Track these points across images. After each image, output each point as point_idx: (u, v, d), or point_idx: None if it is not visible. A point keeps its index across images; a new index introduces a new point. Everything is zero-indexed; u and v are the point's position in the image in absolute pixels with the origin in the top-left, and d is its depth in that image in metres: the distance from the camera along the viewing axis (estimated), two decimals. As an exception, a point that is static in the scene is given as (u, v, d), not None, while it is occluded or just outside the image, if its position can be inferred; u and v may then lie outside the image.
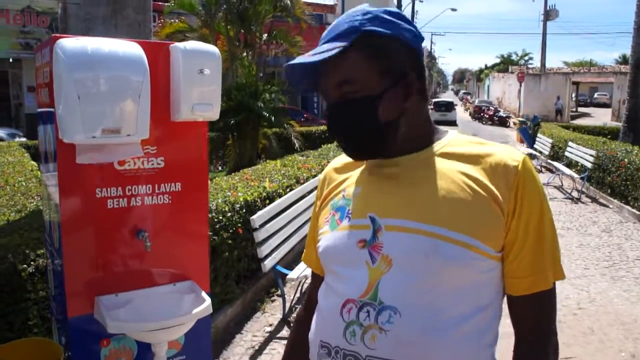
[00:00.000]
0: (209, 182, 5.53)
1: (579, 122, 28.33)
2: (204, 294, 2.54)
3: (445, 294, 1.08)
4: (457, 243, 1.07)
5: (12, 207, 4.15)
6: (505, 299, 1.18)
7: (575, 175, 10.57)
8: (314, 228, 1.37)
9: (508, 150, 1.16)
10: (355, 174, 1.27)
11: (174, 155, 2.57)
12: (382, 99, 1.13)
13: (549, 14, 37.27)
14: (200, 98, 2.45)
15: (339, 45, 1.10)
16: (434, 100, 35.67)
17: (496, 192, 1.10)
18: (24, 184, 5.24)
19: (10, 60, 18.82)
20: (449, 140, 1.21)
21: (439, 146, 1.19)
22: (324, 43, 1.14)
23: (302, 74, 1.19)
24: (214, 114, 2.53)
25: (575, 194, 10.30)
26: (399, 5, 33.45)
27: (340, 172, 1.32)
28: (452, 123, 29.31)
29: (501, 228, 1.10)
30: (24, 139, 12.80)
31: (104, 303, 2.39)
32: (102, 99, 2.15)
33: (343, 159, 1.34)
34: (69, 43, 2.15)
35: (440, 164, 1.16)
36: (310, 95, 27.48)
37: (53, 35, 2.25)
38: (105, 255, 2.47)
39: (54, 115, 2.25)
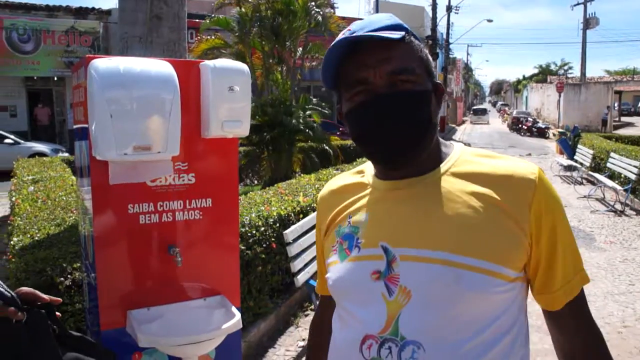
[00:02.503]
0: (243, 196, 5.59)
1: (622, 132, 27.52)
2: (234, 309, 2.55)
3: (468, 323, 1.03)
4: (479, 270, 1.02)
5: (52, 220, 4.28)
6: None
7: (618, 187, 10.24)
8: (320, 256, 1.32)
9: (520, 163, 1.11)
10: (359, 197, 1.20)
11: (205, 171, 2.61)
12: (431, 98, 1.11)
13: (588, 22, 36.52)
14: (229, 115, 2.48)
15: (397, 33, 1.06)
16: (473, 108, 44.75)
17: (514, 210, 1.05)
18: (64, 198, 5.39)
19: (55, 78, 19.51)
20: (458, 156, 1.15)
21: (448, 165, 1.14)
22: (365, 32, 1.08)
23: (335, 63, 1.11)
24: (243, 130, 2.56)
25: (618, 207, 9.97)
26: (434, 17, 33.32)
27: (341, 195, 1.25)
28: (486, 122, 46.30)
29: (522, 248, 1.06)
30: (66, 154, 13.19)
31: (135, 317, 2.42)
32: (133, 117, 2.20)
33: (339, 181, 1.29)
34: (102, 63, 2.21)
35: (452, 185, 1.10)
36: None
37: (87, 55, 2.32)
38: (137, 270, 2.51)
39: (88, 132, 2.31)
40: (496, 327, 1.05)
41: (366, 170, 1.25)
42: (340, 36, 1.10)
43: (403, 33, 1.07)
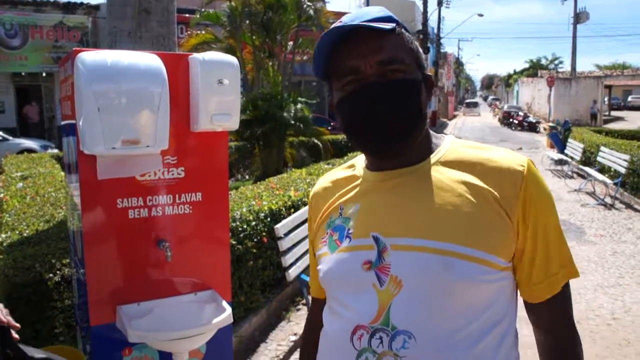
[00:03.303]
0: (234, 191, 5.57)
1: (612, 126, 27.70)
2: (224, 304, 2.54)
3: (459, 313, 1.04)
4: (469, 259, 1.03)
5: (41, 217, 4.24)
6: (518, 303, 1.16)
7: (608, 181, 10.31)
8: (312, 253, 1.32)
9: (510, 154, 1.12)
10: (350, 189, 1.21)
11: (194, 165, 2.59)
12: (422, 88, 1.12)
13: (579, 17, 36.63)
14: (219, 108, 2.46)
15: (387, 24, 1.07)
16: (465, 101, 47.06)
17: (502, 200, 1.06)
18: (54, 194, 5.34)
19: (44, 74, 19.33)
20: (448, 147, 1.16)
21: (438, 155, 1.14)
22: (358, 23, 1.08)
23: (327, 52, 1.12)
24: (232, 123, 2.54)
25: (608, 200, 10.04)
26: (425, 11, 33.31)
27: (332, 189, 1.25)
28: (478, 114, 50.08)
29: (511, 237, 1.07)
30: (55, 151, 13.09)
31: (125, 312, 2.41)
32: (121, 111, 2.17)
33: (330, 176, 1.30)
34: (89, 56, 2.18)
35: (442, 175, 1.11)
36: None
37: (74, 49, 2.29)
38: (126, 265, 2.49)
39: (76, 127, 2.28)
40: (487, 317, 1.06)
41: (357, 163, 1.25)
42: (333, 26, 1.10)
43: (394, 24, 1.08)
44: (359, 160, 1.26)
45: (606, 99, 40.26)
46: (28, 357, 1.39)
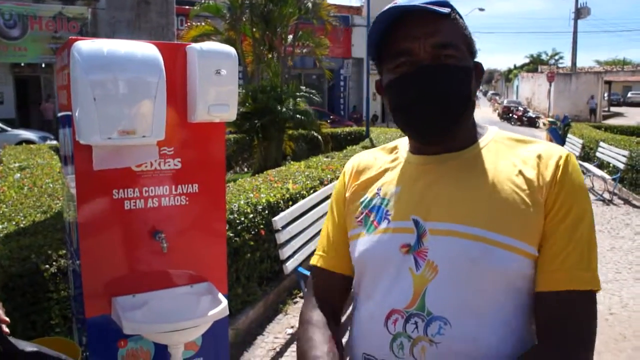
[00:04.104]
0: (232, 183, 5.56)
1: (612, 121, 27.68)
2: (220, 296, 2.53)
3: (493, 300, 1.03)
4: (507, 247, 1.02)
5: (38, 208, 4.22)
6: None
7: (607, 177, 10.30)
8: (337, 226, 1.26)
9: (552, 147, 1.12)
10: (389, 169, 1.20)
11: (191, 157, 2.57)
12: (472, 76, 1.12)
13: (580, 12, 36.55)
14: (216, 99, 2.44)
15: (444, 8, 1.06)
16: None
17: (539, 190, 1.05)
18: (51, 185, 5.33)
19: (43, 65, 19.28)
20: (492, 137, 1.16)
21: (483, 143, 1.15)
22: (416, 4, 1.06)
23: (381, 32, 1.10)
24: (230, 114, 2.52)
25: (607, 196, 10.04)
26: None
27: (370, 167, 1.24)
28: (477, 105, 43.04)
29: (541, 226, 1.05)
30: (54, 142, 13.06)
31: (120, 304, 2.39)
32: (117, 101, 2.15)
33: (373, 153, 1.28)
34: (85, 45, 2.16)
35: (485, 163, 1.11)
36: (337, 97, 27.49)
37: (70, 38, 2.26)
38: (122, 257, 2.47)
39: (72, 119, 2.26)
40: (520, 303, 1.05)
41: (400, 145, 1.25)
42: (388, 6, 1.09)
43: (450, 9, 1.08)
44: (402, 143, 1.25)
45: (606, 94, 40.21)
46: (19, 350, 1.37)
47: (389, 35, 1.09)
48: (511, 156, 1.10)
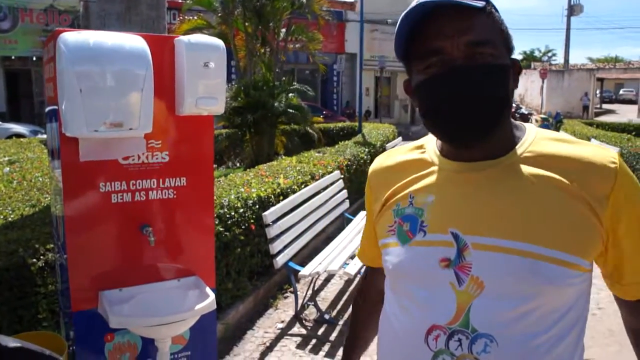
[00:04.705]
0: (223, 177, 5.54)
1: (604, 118, 27.84)
2: (208, 290, 2.52)
3: (542, 317, 0.99)
4: (556, 262, 0.97)
5: (27, 202, 4.20)
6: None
7: (598, 173, 10.35)
8: (369, 229, 1.26)
9: (600, 150, 1.04)
10: (422, 176, 1.12)
11: (179, 150, 2.55)
12: (510, 74, 1.03)
13: (573, 9, 36.65)
14: (204, 92, 2.42)
15: (478, 1, 0.98)
16: None
17: (592, 200, 0.99)
18: (41, 179, 5.30)
19: (34, 58, 19.13)
20: (532, 139, 1.07)
21: (523, 148, 1.06)
22: (438, 1, 0.98)
23: (409, 30, 1.03)
24: (218, 108, 2.50)
25: (597, 192, 10.10)
26: (420, 2, 33.13)
27: (399, 172, 1.16)
28: None
29: (599, 239, 1.01)
30: (45, 136, 12.97)
31: (107, 298, 2.38)
32: (104, 93, 2.13)
33: (396, 156, 1.20)
34: (72, 37, 2.14)
35: (528, 170, 1.02)
36: (330, 93, 27.46)
37: (57, 29, 2.24)
38: (109, 250, 2.46)
39: (58, 112, 2.24)
40: (568, 318, 1.02)
41: (427, 145, 1.17)
42: (416, 2, 1.01)
43: (484, 2, 1.00)
44: (429, 142, 1.17)
45: (598, 91, 40.41)
46: (1, 346, 1.35)
47: (419, 32, 1.01)
48: (556, 161, 1.02)
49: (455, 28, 0.98)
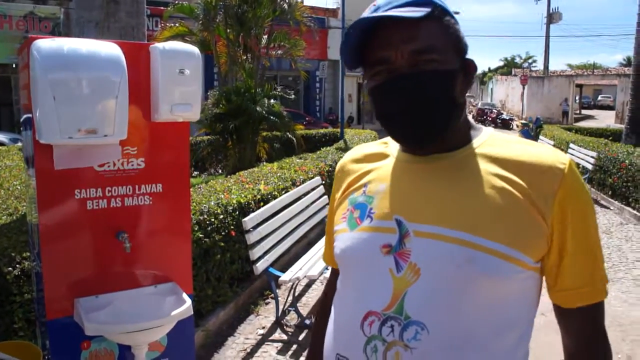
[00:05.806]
0: (204, 184, 5.53)
1: (583, 124, 28.26)
2: (185, 296, 2.52)
3: (477, 309, 0.99)
4: (495, 254, 0.97)
5: (4, 210, 4.15)
6: (538, 312, 1.10)
7: (576, 177, 10.48)
8: (330, 224, 1.26)
9: (551, 151, 1.05)
10: (378, 168, 1.15)
11: (155, 156, 2.56)
12: (458, 77, 1.05)
13: (552, 17, 37.28)
14: (179, 98, 2.44)
15: (421, 9, 1.00)
16: None
17: (538, 198, 1.00)
18: (19, 187, 5.24)
19: (14, 65, 18.88)
20: (486, 138, 1.10)
21: (476, 144, 1.08)
22: (388, 9, 1.01)
23: (356, 43, 1.06)
24: (193, 114, 2.52)
25: (576, 196, 10.22)
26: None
27: (360, 163, 1.20)
28: None
29: (543, 238, 1.01)
30: (24, 144, 12.80)
31: (82, 305, 2.37)
32: (78, 100, 2.14)
33: (362, 149, 1.24)
34: (45, 44, 2.14)
35: (477, 165, 1.05)
36: (313, 99, 27.51)
37: (30, 36, 2.24)
38: (84, 257, 2.45)
39: (32, 120, 2.23)
40: (506, 316, 1.02)
41: (390, 141, 1.20)
42: (364, 14, 1.05)
43: (429, 9, 1.01)
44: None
45: (577, 97, 41.00)
46: None
47: (367, 41, 1.05)
48: (507, 160, 1.04)
49: (399, 38, 1.01)
